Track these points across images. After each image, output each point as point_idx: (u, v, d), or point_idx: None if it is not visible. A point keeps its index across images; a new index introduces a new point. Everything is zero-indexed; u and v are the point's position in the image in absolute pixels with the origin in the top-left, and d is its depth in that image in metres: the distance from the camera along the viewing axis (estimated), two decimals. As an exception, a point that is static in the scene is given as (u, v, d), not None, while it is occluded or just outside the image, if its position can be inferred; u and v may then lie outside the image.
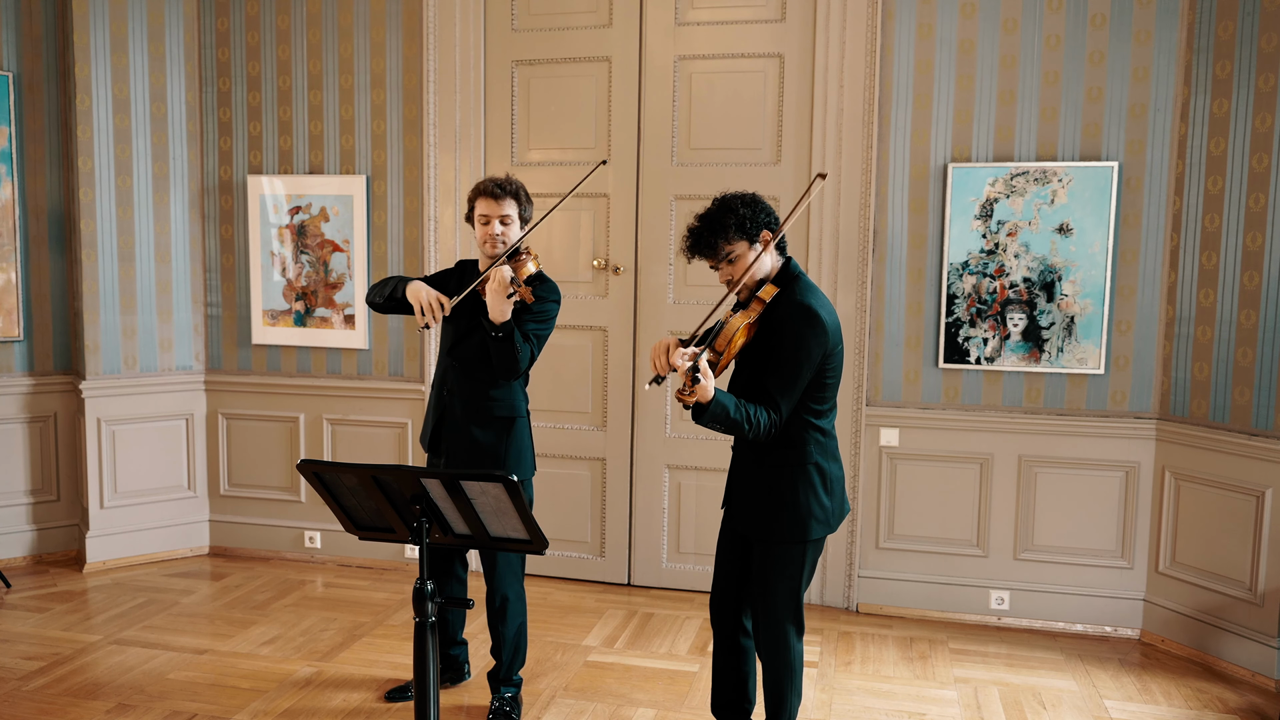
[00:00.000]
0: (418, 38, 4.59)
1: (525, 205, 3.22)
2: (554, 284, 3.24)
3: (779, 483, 2.67)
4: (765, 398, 2.58)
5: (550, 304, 3.21)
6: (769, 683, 2.81)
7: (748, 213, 2.63)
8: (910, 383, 4.26)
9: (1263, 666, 3.70)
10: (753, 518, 2.72)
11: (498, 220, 3.17)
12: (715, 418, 2.48)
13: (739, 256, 2.65)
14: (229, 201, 4.91)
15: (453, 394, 3.25)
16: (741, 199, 2.67)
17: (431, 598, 2.43)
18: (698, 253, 2.68)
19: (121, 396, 4.78)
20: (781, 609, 2.73)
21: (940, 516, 4.29)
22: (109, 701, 3.41)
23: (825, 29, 4.19)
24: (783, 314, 2.60)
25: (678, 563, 4.60)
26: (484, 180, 3.21)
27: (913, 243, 4.21)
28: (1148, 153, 3.97)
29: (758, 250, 2.65)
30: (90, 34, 4.58)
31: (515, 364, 3.08)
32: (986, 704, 3.52)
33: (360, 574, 4.79)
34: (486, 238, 3.18)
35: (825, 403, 2.68)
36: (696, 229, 2.67)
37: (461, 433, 3.23)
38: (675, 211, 4.45)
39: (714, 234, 2.63)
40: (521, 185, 3.22)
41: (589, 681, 3.65)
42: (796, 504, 2.66)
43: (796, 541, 2.68)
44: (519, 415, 3.26)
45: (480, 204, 3.19)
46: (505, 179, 3.20)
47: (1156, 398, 4.05)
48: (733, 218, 2.62)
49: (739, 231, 2.63)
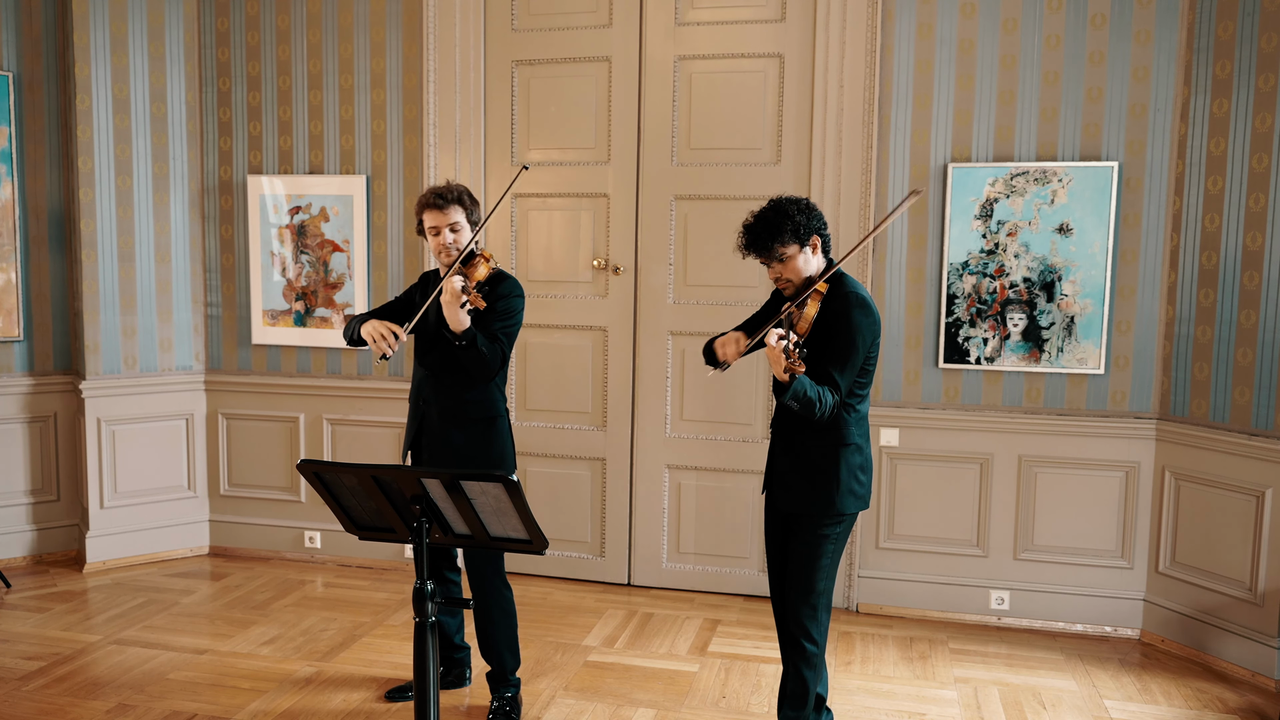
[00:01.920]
0: (418, 38, 4.59)
1: (471, 209, 3.24)
2: (514, 280, 3.27)
3: (822, 460, 2.86)
4: (827, 379, 2.78)
5: (513, 299, 3.23)
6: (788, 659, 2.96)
7: (802, 219, 2.81)
8: (910, 383, 4.26)
9: (1263, 666, 3.70)
10: (796, 494, 2.90)
11: (447, 229, 3.19)
12: (797, 395, 2.68)
13: (790, 257, 2.83)
14: (229, 201, 4.91)
15: (428, 402, 3.27)
16: (796, 204, 2.84)
17: (431, 598, 2.43)
18: (752, 250, 2.86)
19: (121, 396, 4.78)
20: (811, 588, 2.90)
21: (940, 516, 4.29)
22: (109, 701, 3.41)
23: (825, 29, 4.19)
24: (840, 304, 2.82)
25: (678, 563, 4.60)
26: (425, 192, 3.23)
27: (913, 243, 4.21)
28: (1148, 153, 3.97)
29: (807, 253, 2.84)
30: (90, 34, 4.58)
31: (486, 367, 3.13)
32: (986, 704, 3.53)
33: (360, 574, 4.79)
34: (439, 248, 3.20)
35: (864, 388, 2.90)
36: (754, 228, 2.84)
37: (440, 438, 3.25)
38: (675, 211, 4.45)
39: (770, 235, 2.81)
40: (464, 190, 3.24)
41: (589, 681, 3.65)
42: (838, 478, 2.85)
43: (836, 516, 2.88)
44: (498, 415, 3.28)
45: (427, 217, 3.21)
46: (445, 187, 3.22)
47: (1156, 398, 4.05)
48: (788, 222, 2.80)
49: (793, 235, 2.80)
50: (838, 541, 2.92)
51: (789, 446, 2.93)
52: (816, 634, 2.93)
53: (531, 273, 4.64)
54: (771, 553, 3.10)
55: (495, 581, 3.29)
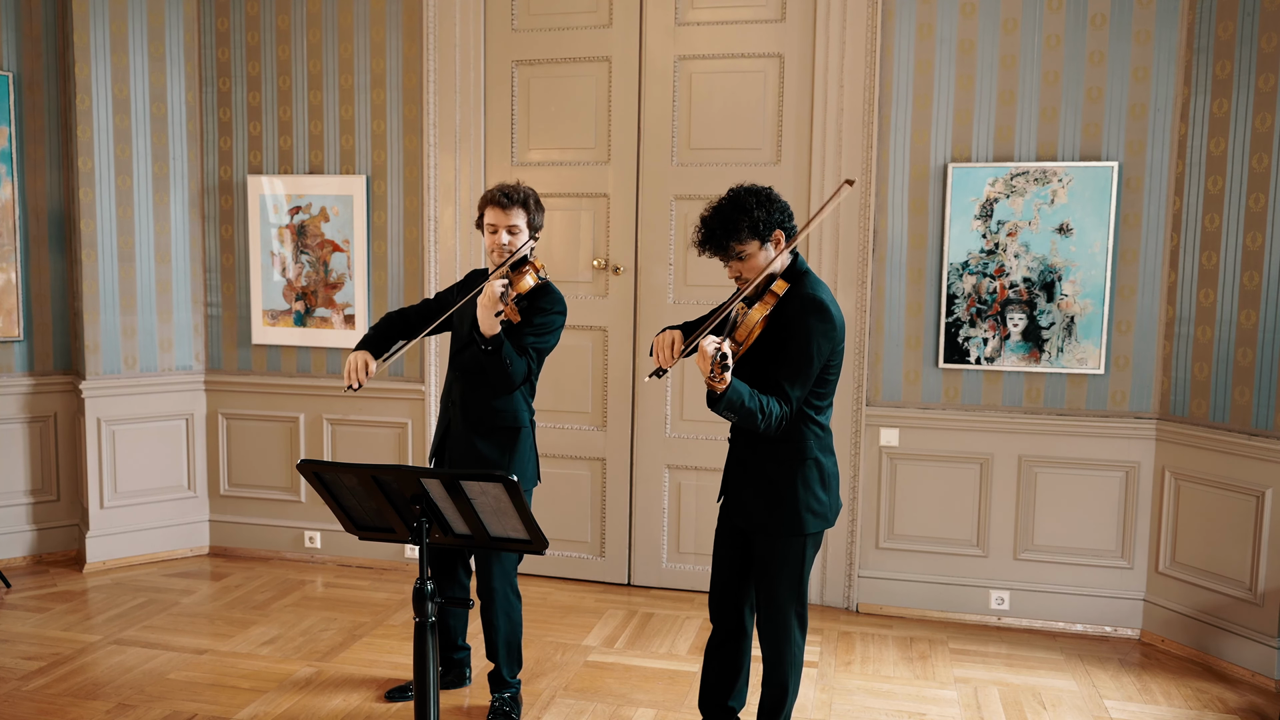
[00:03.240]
0: (418, 38, 4.59)
1: (535, 213, 3.17)
2: (558, 294, 3.18)
3: (778, 477, 2.66)
4: (776, 389, 2.57)
5: (553, 315, 3.15)
6: (770, 677, 2.80)
7: (761, 214, 2.56)
8: (910, 383, 4.26)
9: (1263, 666, 3.70)
10: (751, 511, 2.71)
11: (505, 230, 3.12)
12: (731, 405, 2.45)
13: (750, 255, 2.60)
14: (229, 201, 4.91)
15: (455, 404, 3.23)
16: (756, 196, 2.59)
17: (431, 598, 2.43)
18: (708, 249, 2.62)
19: (121, 396, 4.78)
20: (785, 602, 2.72)
21: (940, 516, 4.29)
22: (109, 701, 3.41)
23: (825, 29, 4.19)
24: (795, 308, 2.59)
25: (678, 563, 4.60)
26: (493, 188, 3.17)
27: (913, 243, 4.21)
28: (1148, 153, 3.97)
29: (769, 250, 2.61)
30: (90, 34, 4.58)
31: (507, 378, 3.04)
32: (986, 704, 3.52)
33: (360, 574, 4.79)
34: (494, 246, 3.14)
35: (825, 399, 2.69)
36: (709, 225, 2.60)
37: (464, 443, 3.21)
38: (675, 211, 4.45)
39: (726, 233, 2.57)
40: (532, 193, 3.17)
41: (589, 681, 3.65)
42: (795, 498, 2.65)
43: (795, 535, 2.68)
44: (522, 425, 3.22)
45: (489, 213, 3.15)
46: (514, 187, 3.15)
47: (1156, 398, 4.05)
48: (746, 219, 2.55)
49: (751, 232, 2.57)
50: (800, 560, 2.70)
51: (743, 459, 2.72)
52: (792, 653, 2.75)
53: (531, 273, 4.65)
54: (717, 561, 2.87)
55: (503, 589, 3.26)
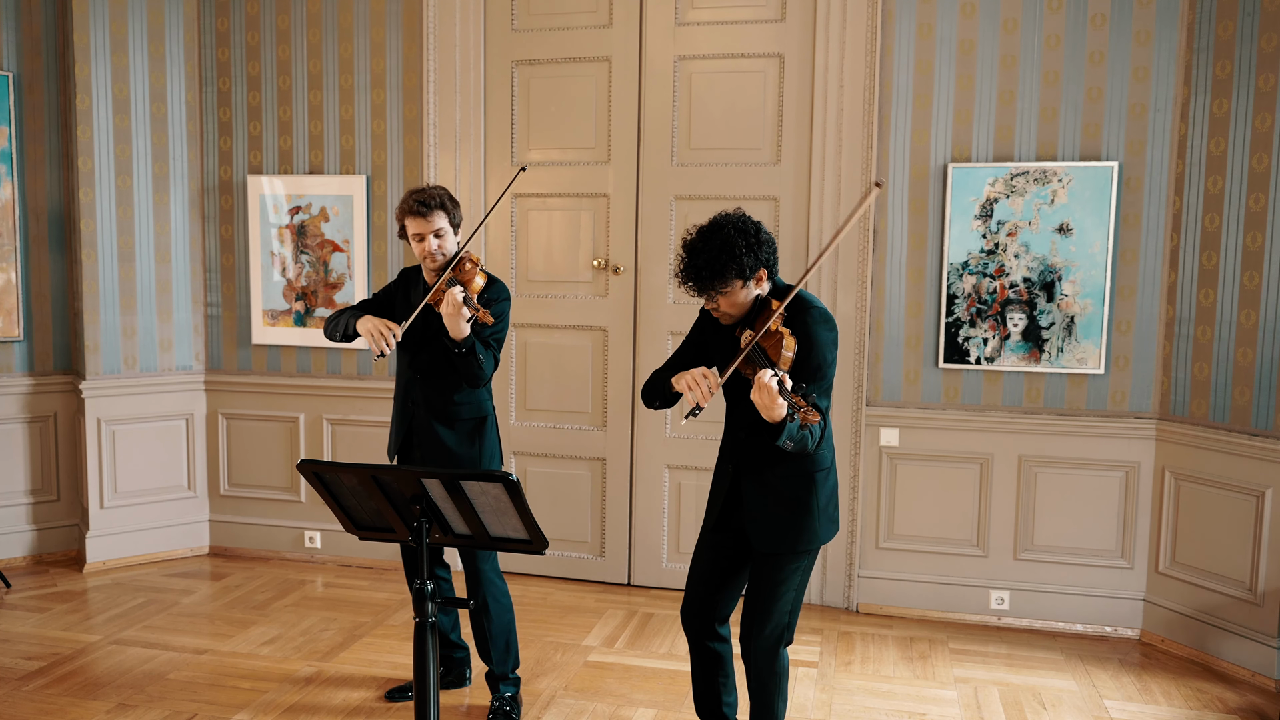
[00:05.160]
0: (418, 38, 4.59)
1: (453, 212, 3.18)
2: (501, 284, 3.24)
3: (802, 492, 2.62)
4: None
5: (502, 303, 3.22)
6: (758, 690, 2.75)
7: (749, 260, 2.47)
8: (910, 383, 4.26)
9: (1263, 666, 3.70)
10: (772, 531, 2.63)
11: (431, 235, 3.13)
12: (792, 435, 2.37)
13: (732, 293, 2.52)
14: (229, 201, 4.91)
15: (417, 404, 3.27)
16: (745, 239, 2.47)
17: (431, 598, 2.43)
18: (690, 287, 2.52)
19: (121, 396, 4.78)
20: (780, 618, 2.69)
21: (940, 516, 4.29)
22: (109, 701, 3.41)
23: (825, 29, 4.19)
24: (804, 321, 2.53)
25: (678, 563, 4.60)
26: (406, 198, 3.14)
27: (913, 243, 4.21)
28: (1148, 153, 3.97)
29: (750, 287, 2.54)
30: (90, 34, 4.58)
31: (480, 373, 3.13)
32: (986, 704, 3.52)
33: (360, 574, 4.79)
34: (424, 254, 3.15)
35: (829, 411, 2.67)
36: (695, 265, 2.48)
37: (431, 437, 3.25)
38: (675, 211, 4.45)
39: (712, 278, 2.47)
40: (445, 192, 3.16)
41: (589, 681, 3.65)
42: (817, 509, 2.62)
43: (815, 548, 2.65)
44: (486, 415, 3.31)
45: (410, 224, 3.14)
46: (425, 193, 3.13)
47: (1156, 398, 4.05)
48: (734, 266, 2.45)
49: (737, 276, 2.48)
50: (808, 572, 2.69)
51: (761, 480, 2.64)
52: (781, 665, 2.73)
53: (531, 273, 4.64)
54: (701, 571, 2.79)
55: (491, 583, 3.28)
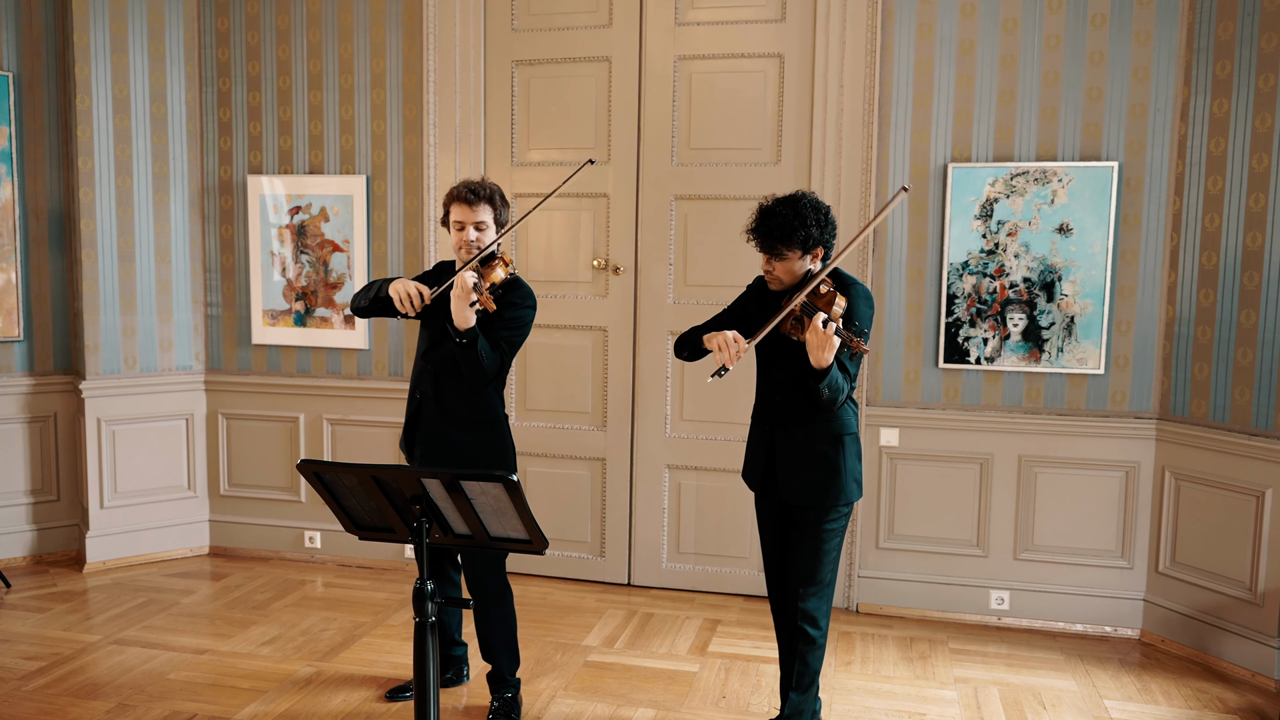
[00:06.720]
0: (418, 38, 4.59)
1: (500, 209, 3.17)
2: (528, 289, 3.20)
3: (831, 451, 2.91)
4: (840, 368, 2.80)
5: (524, 309, 3.17)
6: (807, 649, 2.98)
7: (816, 232, 2.81)
8: (910, 383, 4.26)
9: (1263, 666, 3.70)
10: (806, 487, 2.92)
11: (472, 226, 3.12)
12: (832, 382, 2.72)
13: (790, 259, 2.85)
14: (229, 201, 4.91)
15: (427, 397, 3.23)
16: (818, 213, 2.82)
17: (431, 598, 2.43)
18: (757, 239, 2.85)
19: (121, 396, 4.78)
20: (824, 577, 2.95)
21: (940, 516, 4.29)
22: (109, 701, 3.41)
23: (825, 29, 4.19)
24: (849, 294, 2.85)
25: (678, 563, 4.60)
26: (458, 185, 3.16)
27: (913, 243, 4.21)
28: (1148, 153, 3.97)
29: (805, 260, 2.87)
30: (90, 34, 4.58)
31: (481, 371, 3.05)
32: (986, 704, 3.53)
33: (360, 574, 4.79)
34: (461, 243, 3.14)
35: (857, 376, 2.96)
36: (768, 223, 2.81)
37: (437, 436, 3.22)
38: (675, 211, 4.45)
39: (781, 237, 2.80)
40: (497, 189, 3.17)
41: (589, 681, 3.65)
42: (845, 469, 2.92)
43: (845, 504, 2.95)
44: (496, 419, 3.23)
45: (455, 210, 3.14)
46: (479, 183, 3.14)
47: (1156, 398, 4.05)
48: (802, 232, 2.79)
49: (801, 244, 2.81)
50: (843, 531, 2.99)
51: (793, 439, 2.94)
52: (824, 623, 2.99)
53: (531, 273, 4.65)
54: (770, 546, 3.12)
55: (494, 584, 3.26)
